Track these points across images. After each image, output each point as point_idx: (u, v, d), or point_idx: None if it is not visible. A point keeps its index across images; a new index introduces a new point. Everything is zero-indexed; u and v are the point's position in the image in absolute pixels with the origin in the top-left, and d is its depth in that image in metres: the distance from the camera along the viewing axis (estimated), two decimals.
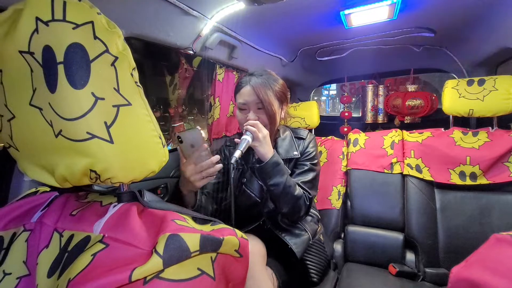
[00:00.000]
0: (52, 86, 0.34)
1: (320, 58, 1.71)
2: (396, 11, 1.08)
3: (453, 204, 1.19)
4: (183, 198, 0.80)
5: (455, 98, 1.20)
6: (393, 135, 1.40)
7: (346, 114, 2.13)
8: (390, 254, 1.22)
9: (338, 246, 1.32)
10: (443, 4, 1.06)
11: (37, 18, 0.34)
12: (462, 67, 1.60)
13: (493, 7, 1.05)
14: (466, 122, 1.53)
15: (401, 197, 1.30)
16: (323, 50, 1.62)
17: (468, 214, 1.15)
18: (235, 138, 1.10)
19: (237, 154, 0.78)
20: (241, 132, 1.02)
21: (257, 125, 0.86)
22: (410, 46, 1.56)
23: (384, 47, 1.55)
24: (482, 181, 1.14)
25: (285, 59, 1.60)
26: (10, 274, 0.41)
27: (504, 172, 1.11)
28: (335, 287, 1.08)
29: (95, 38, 0.36)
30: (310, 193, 0.94)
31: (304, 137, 1.05)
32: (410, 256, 1.22)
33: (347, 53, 1.62)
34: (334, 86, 7.93)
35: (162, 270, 0.33)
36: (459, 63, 1.59)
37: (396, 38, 1.42)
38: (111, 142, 0.37)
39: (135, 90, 0.41)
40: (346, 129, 2.09)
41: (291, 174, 0.97)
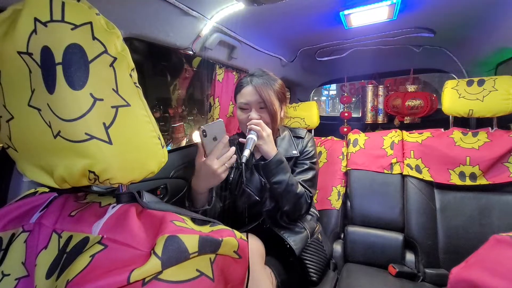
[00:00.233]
0: (50, 87, 0.34)
1: (320, 58, 1.71)
2: (396, 12, 1.08)
3: (452, 204, 1.19)
4: (197, 198, 0.82)
5: (455, 98, 1.20)
6: (393, 136, 1.40)
7: (346, 114, 2.13)
8: (390, 255, 1.22)
9: (338, 247, 1.32)
10: (443, 4, 1.06)
11: (35, 19, 0.34)
12: (461, 68, 1.60)
13: (492, 8, 1.05)
14: (466, 123, 1.53)
15: (400, 197, 1.30)
16: (323, 50, 1.62)
17: (468, 214, 1.15)
18: (236, 138, 1.10)
19: (246, 154, 0.80)
20: (240, 132, 1.03)
21: (260, 124, 0.88)
22: (410, 47, 1.56)
23: (384, 48, 1.55)
24: (482, 181, 1.13)
25: (284, 59, 1.60)
26: (9, 275, 0.41)
27: (504, 172, 1.11)
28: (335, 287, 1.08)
29: (94, 38, 0.36)
30: (311, 191, 0.96)
31: (302, 136, 1.07)
32: (410, 256, 1.22)
33: (347, 53, 1.62)
34: (334, 86, 7.92)
35: (160, 272, 0.33)
36: (459, 64, 1.59)
37: (396, 39, 1.42)
38: (110, 143, 0.37)
39: (134, 91, 0.40)
40: (346, 129, 2.08)
41: (291, 173, 0.98)
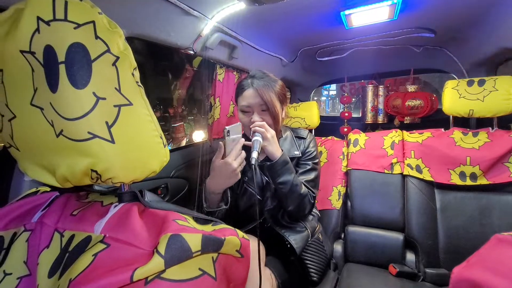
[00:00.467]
0: (53, 86, 0.34)
1: (320, 58, 1.71)
2: (396, 12, 1.09)
3: (453, 204, 1.19)
4: (213, 198, 0.85)
5: (455, 98, 1.20)
6: (393, 136, 1.40)
7: (346, 114, 2.13)
8: (390, 255, 1.22)
9: (338, 247, 1.32)
10: (444, 4, 1.06)
11: (38, 18, 0.34)
12: (462, 68, 1.60)
13: (493, 8, 1.05)
14: (466, 123, 1.53)
15: (401, 197, 1.30)
16: (323, 50, 1.62)
17: (468, 214, 1.15)
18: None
19: (255, 155, 0.80)
20: (242, 133, 1.03)
21: (264, 125, 0.89)
22: (410, 47, 1.56)
23: (384, 48, 1.55)
24: (482, 181, 1.13)
25: (285, 59, 1.60)
26: (11, 274, 0.41)
27: (504, 172, 1.11)
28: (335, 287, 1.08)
29: (97, 38, 0.36)
30: (314, 191, 0.97)
31: (304, 136, 1.08)
32: (410, 256, 1.22)
33: (347, 53, 1.63)
34: (334, 86, 7.94)
35: (163, 271, 0.33)
36: (459, 64, 1.59)
37: (396, 39, 1.42)
38: (112, 142, 0.37)
39: (136, 90, 0.40)
40: (346, 129, 2.09)
41: None
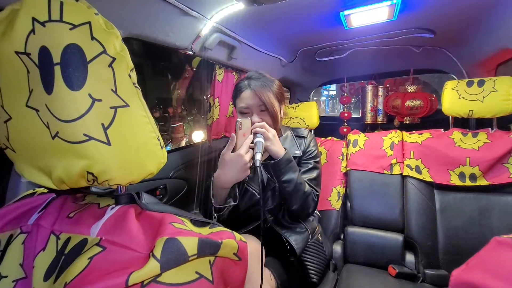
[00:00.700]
0: (48, 87, 0.34)
1: (319, 59, 1.71)
2: (396, 12, 1.08)
3: (452, 205, 1.19)
4: (221, 193, 0.85)
5: (455, 99, 1.20)
6: (392, 136, 1.40)
7: (346, 114, 2.13)
8: (390, 255, 1.22)
9: (338, 247, 1.31)
10: (443, 5, 1.06)
11: (33, 19, 0.33)
12: (461, 68, 1.60)
13: (492, 8, 1.05)
14: (466, 123, 1.53)
15: (400, 198, 1.30)
16: (323, 50, 1.62)
17: (467, 215, 1.15)
18: None
19: (259, 157, 0.80)
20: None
21: (264, 126, 0.89)
22: (410, 47, 1.56)
23: (383, 48, 1.55)
24: (482, 182, 1.13)
25: (284, 60, 1.60)
26: (6, 277, 0.41)
27: (504, 173, 1.11)
28: None
29: (93, 39, 0.36)
30: (317, 190, 0.97)
31: (305, 135, 1.08)
32: (410, 257, 1.21)
33: (347, 53, 1.62)
34: (333, 86, 7.94)
35: (159, 274, 0.32)
36: (459, 64, 1.59)
37: (395, 39, 1.41)
38: (109, 143, 0.37)
39: (133, 91, 0.40)
40: (345, 129, 2.08)
41: None
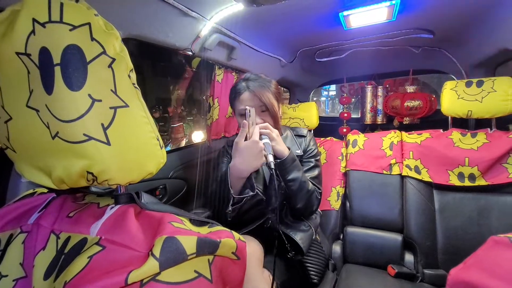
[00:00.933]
0: (48, 87, 0.34)
1: (319, 59, 1.71)
2: (395, 13, 1.09)
3: (451, 205, 1.19)
4: (238, 184, 0.84)
5: (454, 99, 1.20)
6: (392, 136, 1.40)
7: (345, 115, 2.13)
8: (389, 255, 1.22)
9: (337, 247, 1.32)
10: (442, 5, 1.06)
11: (34, 20, 0.34)
12: (460, 68, 1.60)
13: (492, 9, 1.05)
14: (465, 123, 1.53)
15: (400, 198, 1.30)
16: (322, 51, 1.62)
17: (466, 215, 1.15)
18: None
19: (272, 159, 0.81)
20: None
21: (268, 126, 0.90)
22: (409, 47, 1.56)
23: (383, 48, 1.55)
24: (481, 182, 1.13)
25: (284, 60, 1.60)
26: (7, 276, 0.41)
27: (502, 173, 1.11)
28: None
29: (92, 39, 0.36)
30: (320, 188, 0.98)
31: (304, 134, 1.09)
32: (409, 257, 1.22)
33: (346, 54, 1.63)
34: (333, 86, 7.93)
35: (158, 273, 0.33)
36: (458, 64, 1.59)
37: (395, 39, 1.42)
38: (108, 144, 0.37)
39: (133, 92, 0.40)
40: (345, 129, 2.09)
41: None
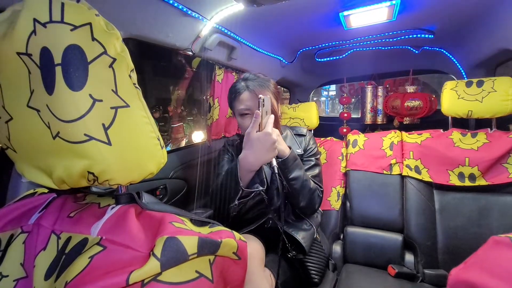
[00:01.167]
0: (49, 88, 0.34)
1: (319, 59, 1.71)
2: (395, 13, 1.09)
3: (452, 205, 1.19)
4: (248, 177, 0.81)
5: (454, 99, 1.20)
6: (392, 136, 1.40)
7: (345, 115, 2.13)
8: (389, 255, 1.22)
9: (338, 247, 1.32)
10: (442, 5, 1.06)
11: (35, 20, 0.34)
12: (461, 69, 1.60)
13: (491, 9, 1.06)
14: (465, 123, 1.53)
15: (400, 198, 1.30)
16: (322, 51, 1.62)
17: (467, 215, 1.15)
18: (236, 139, 1.09)
19: (275, 163, 0.80)
20: (240, 133, 1.03)
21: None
22: (409, 47, 1.56)
23: (383, 48, 1.55)
24: (481, 182, 1.13)
25: (284, 60, 1.60)
26: (7, 276, 0.41)
27: (503, 173, 1.11)
28: None
29: (93, 39, 0.36)
30: (321, 186, 0.99)
31: (304, 133, 1.09)
32: (409, 257, 1.22)
33: (346, 54, 1.63)
34: (333, 86, 7.94)
35: (159, 273, 0.33)
36: (458, 65, 1.59)
37: (395, 39, 1.42)
38: (109, 144, 0.37)
39: (134, 92, 0.40)
40: (345, 129, 2.09)
41: None
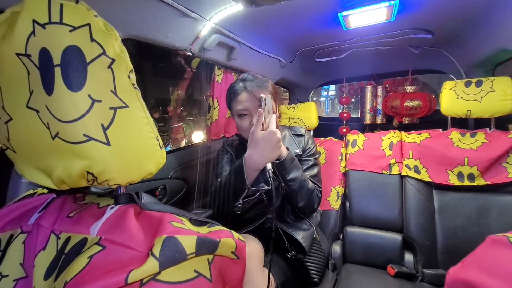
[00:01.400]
0: (49, 88, 0.34)
1: (318, 59, 1.71)
2: (394, 13, 1.09)
3: (451, 205, 1.19)
4: (253, 176, 0.80)
5: (453, 99, 1.20)
6: (391, 136, 1.40)
7: (345, 115, 2.13)
8: (389, 255, 1.22)
9: (337, 247, 1.32)
10: (441, 5, 1.06)
11: (34, 21, 0.34)
12: (460, 68, 1.61)
13: (490, 9, 1.06)
14: (464, 123, 1.53)
15: (399, 198, 1.30)
16: (322, 51, 1.62)
17: (466, 215, 1.15)
18: (235, 140, 1.10)
19: (269, 166, 0.80)
20: (240, 134, 1.03)
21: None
22: (408, 47, 1.56)
23: (382, 48, 1.55)
24: (480, 182, 1.14)
25: (284, 60, 1.60)
26: (7, 276, 0.41)
27: (502, 173, 1.11)
28: None
29: (92, 40, 0.36)
30: (320, 186, 0.98)
31: (303, 133, 1.09)
32: (409, 257, 1.22)
33: (346, 54, 1.63)
34: (333, 86, 7.94)
35: (158, 273, 0.33)
36: (457, 64, 1.60)
37: (394, 40, 1.42)
38: (108, 144, 0.37)
39: (133, 92, 0.41)
40: (345, 130, 2.09)
41: None
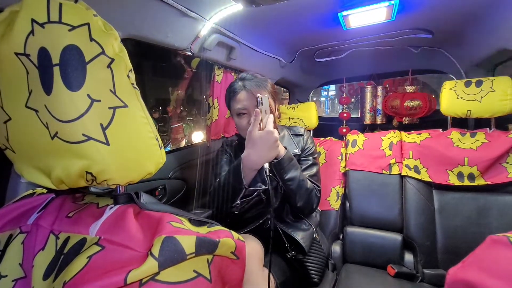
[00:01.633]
0: (47, 88, 0.34)
1: (318, 59, 1.71)
2: (394, 13, 1.09)
3: (451, 205, 1.19)
4: (250, 176, 0.81)
5: (453, 99, 1.20)
6: (391, 136, 1.40)
7: (345, 115, 2.13)
8: (389, 255, 1.22)
9: (337, 247, 1.32)
10: (441, 5, 1.06)
11: (33, 20, 0.34)
12: (460, 68, 1.61)
13: (490, 9, 1.06)
14: (464, 123, 1.53)
15: (399, 198, 1.30)
16: (322, 51, 1.62)
17: (466, 215, 1.15)
18: (235, 139, 1.09)
19: (266, 165, 0.80)
20: (239, 133, 1.02)
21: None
22: (408, 47, 1.56)
23: (382, 48, 1.55)
24: (480, 182, 1.14)
25: (283, 60, 1.60)
26: (6, 276, 0.41)
27: (502, 173, 1.11)
28: None
29: (91, 40, 0.36)
30: (319, 185, 0.98)
31: (302, 133, 1.09)
32: (409, 257, 1.22)
33: (346, 54, 1.63)
34: (333, 86, 7.94)
35: (157, 273, 0.33)
36: (457, 64, 1.60)
37: (394, 39, 1.42)
38: (107, 144, 0.37)
39: (132, 92, 0.40)
40: (344, 129, 2.09)
41: None
